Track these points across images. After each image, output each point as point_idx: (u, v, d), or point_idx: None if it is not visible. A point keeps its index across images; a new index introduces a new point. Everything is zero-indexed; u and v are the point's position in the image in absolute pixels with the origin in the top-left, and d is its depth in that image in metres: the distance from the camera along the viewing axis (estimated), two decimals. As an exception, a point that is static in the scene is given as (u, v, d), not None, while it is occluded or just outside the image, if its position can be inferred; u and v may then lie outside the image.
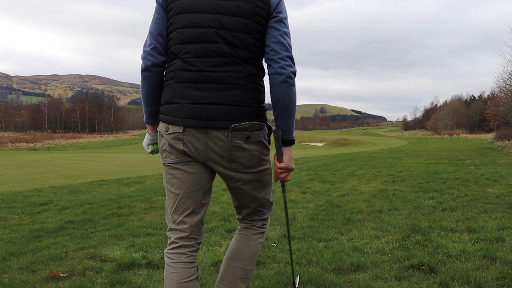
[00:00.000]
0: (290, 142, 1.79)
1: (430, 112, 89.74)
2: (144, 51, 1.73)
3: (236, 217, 2.01)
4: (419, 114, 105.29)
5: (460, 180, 7.96)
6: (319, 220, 4.53)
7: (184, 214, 1.77)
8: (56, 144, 58.02)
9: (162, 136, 1.74)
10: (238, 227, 2.01)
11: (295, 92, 1.73)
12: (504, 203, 5.35)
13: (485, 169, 10.38)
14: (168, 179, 1.79)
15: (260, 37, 1.71)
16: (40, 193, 7.21)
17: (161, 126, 1.75)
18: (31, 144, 54.69)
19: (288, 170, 1.79)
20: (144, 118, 1.87)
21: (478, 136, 55.22)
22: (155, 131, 1.89)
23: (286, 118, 1.74)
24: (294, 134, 1.81)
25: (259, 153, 1.76)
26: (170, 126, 1.70)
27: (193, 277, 1.74)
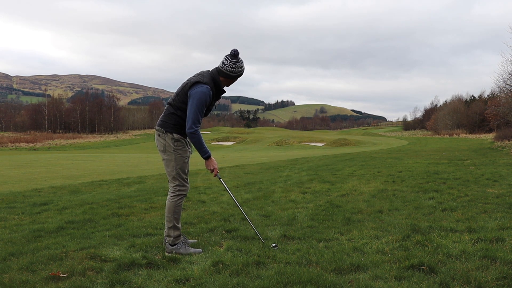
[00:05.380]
0: None
1: (430, 112, 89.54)
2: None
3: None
4: (419, 114, 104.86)
5: (460, 180, 7.95)
6: (319, 220, 4.54)
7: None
8: (56, 144, 57.98)
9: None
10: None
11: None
12: (504, 203, 5.35)
13: (485, 169, 10.38)
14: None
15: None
16: (40, 193, 7.21)
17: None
18: (31, 144, 54.64)
19: None
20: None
21: (478, 136, 55.17)
22: None
23: None
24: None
25: None
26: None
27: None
